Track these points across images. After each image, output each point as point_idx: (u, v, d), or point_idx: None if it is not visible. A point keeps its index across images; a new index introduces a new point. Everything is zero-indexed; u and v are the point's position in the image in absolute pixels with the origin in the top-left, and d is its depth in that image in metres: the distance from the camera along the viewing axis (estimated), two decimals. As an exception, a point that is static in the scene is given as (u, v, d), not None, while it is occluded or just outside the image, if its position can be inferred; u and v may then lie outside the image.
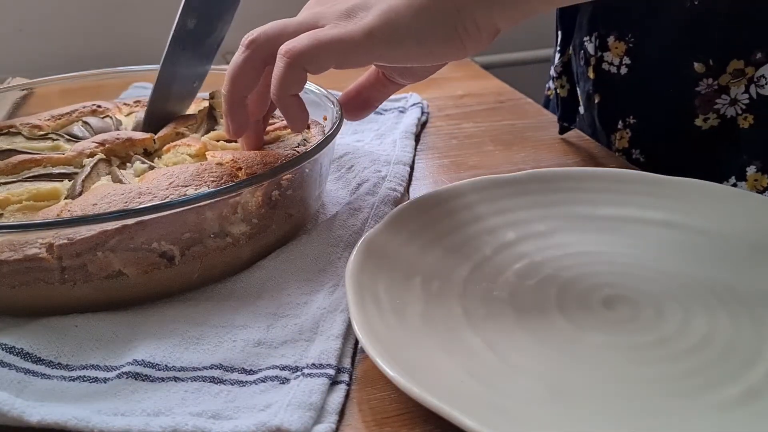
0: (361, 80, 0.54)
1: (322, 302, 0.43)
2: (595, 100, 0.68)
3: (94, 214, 0.42)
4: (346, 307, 0.41)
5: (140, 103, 0.64)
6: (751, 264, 0.45)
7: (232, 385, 0.37)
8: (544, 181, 0.53)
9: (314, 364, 0.37)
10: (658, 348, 0.39)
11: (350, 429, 0.35)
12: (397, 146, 0.65)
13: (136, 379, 0.37)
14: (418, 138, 0.70)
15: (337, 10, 0.44)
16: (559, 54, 0.72)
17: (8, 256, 0.40)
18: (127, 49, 1.22)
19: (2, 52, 1.20)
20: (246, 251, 0.46)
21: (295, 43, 0.43)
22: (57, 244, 0.40)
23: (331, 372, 0.37)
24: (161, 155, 0.55)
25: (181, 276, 0.43)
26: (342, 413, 0.36)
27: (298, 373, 0.37)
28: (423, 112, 0.75)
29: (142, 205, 0.42)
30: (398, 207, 0.49)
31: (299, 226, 0.51)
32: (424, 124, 0.74)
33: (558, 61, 0.72)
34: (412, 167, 0.63)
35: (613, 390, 0.36)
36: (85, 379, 0.37)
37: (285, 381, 0.37)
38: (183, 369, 0.38)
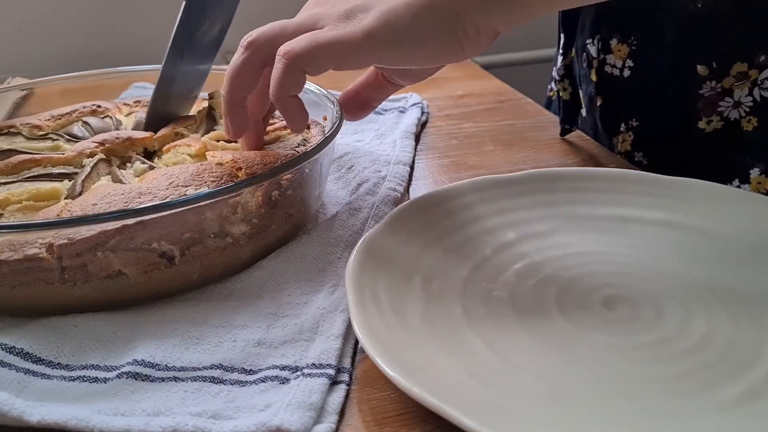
0: (360, 80, 0.54)
1: (322, 302, 0.43)
2: (597, 103, 0.68)
3: (94, 214, 0.42)
4: (346, 307, 0.41)
5: (140, 103, 0.64)
6: (751, 264, 0.45)
7: (232, 385, 0.37)
8: (544, 181, 0.53)
9: (314, 364, 0.37)
10: (658, 348, 0.39)
11: (350, 429, 0.35)
12: (397, 146, 0.65)
13: (136, 379, 0.37)
14: (418, 138, 0.70)
15: (337, 12, 0.43)
16: (562, 57, 0.72)
17: (8, 256, 0.40)
18: (127, 49, 1.23)
19: (2, 52, 1.20)
20: (246, 251, 0.46)
21: (294, 44, 0.43)
22: (57, 244, 0.40)
23: (331, 372, 0.37)
24: (161, 155, 0.55)
25: (181, 276, 0.43)
26: (342, 413, 0.36)
27: (298, 373, 0.37)
28: (423, 112, 0.75)
29: (142, 205, 0.42)
30: (398, 207, 0.49)
31: (299, 226, 0.51)
32: (424, 124, 0.74)
33: (560, 64, 0.72)
34: (412, 167, 0.63)
35: (613, 390, 0.36)
36: (85, 379, 0.37)
37: (285, 381, 0.37)
38: (183, 369, 0.38)
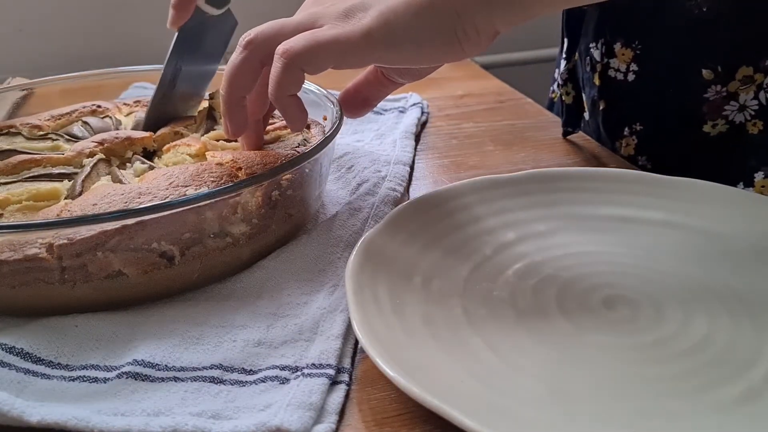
0: (360, 79, 0.54)
1: (322, 302, 0.43)
2: (600, 107, 0.68)
3: (94, 214, 0.42)
4: (346, 307, 0.41)
5: (140, 103, 0.64)
6: (751, 264, 0.45)
7: (232, 385, 0.37)
8: (544, 181, 0.53)
9: (314, 364, 0.37)
10: (658, 348, 0.39)
11: (350, 429, 0.35)
12: (397, 146, 0.65)
13: (136, 379, 0.37)
14: (418, 138, 0.70)
15: (336, 11, 0.43)
16: (565, 60, 0.71)
17: (8, 256, 0.40)
18: (127, 49, 1.22)
19: (2, 52, 1.20)
20: (246, 251, 0.46)
21: (293, 43, 0.43)
22: (57, 244, 0.40)
23: (331, 372, 0.37)
24: (161, 155, 0.55)
25: (181, 276, 0.43)
26: (342, 413, 0.36)
27: (298, 373, 0.37)
28: (423, 112, 0.75)
29: (142, 205, 0.42)
30: (398, 207, 0.49)
31: (299, 226, 0.50)
32: (424, 124, 0.74)
33: (564, 68, 0.71)
34: (412, 167, 0.63)
35: (613, 390, 0.36)
36: (85, 379, 0.37)
37: (285, 381, 0.37)
38: (183, 369, 0.38)
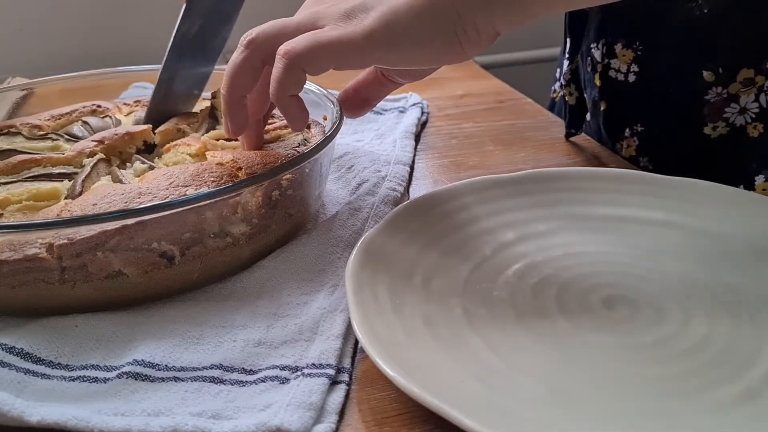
0: (360, 78, 0.54)
1: (322, 302, 0.43)
2: (601, 108, 0.68)
3: (94, 214, 0.42)
4: (346, 307, 0.41)
5: (140, 102, 0.64)
6: (751, 264, 0.45)
7: (232, 385, 0.37)
8: (544, 181, 0.53)
9: (314, 364, 0.37)
10: (658, 348, 0.39)
11: (350, 429, 0.35)
12: (397, 146, 0.65)
13: (136, 379, 0.37)
14: (418, 138, 0.70)
15: (337, 11, 0.43)
16: (568, 61, 0.71)
17: (8, 256, 0.40)
18: (127, 49, 1.22)
19: (2, 52, 1.20)
20: (246, 251, 0.46)
21: (294, 43, 0.43)
22: (57, 244, 0.40)
23: (331, 372, 0.37)
24: (161, 155, 0.55)
25: (181, 276, 0.43)
26: (342, 413, 0.36)
27: (298, 373, 0.37)
28: (423, 112, 0.75)
29: (142, 205, 0.42)
30: (398, 207, 0.49)
31: (299, 226, 0.51)
32: (424, 124, 0.74)
33: (566, 69, 0.71)
34: (412, 167, 0.63)
35: (612, 389, 0.36)
36: (85, 379, 0.37)
37: (285, 381, 0.37)
38: (183, 369, 0.38)
